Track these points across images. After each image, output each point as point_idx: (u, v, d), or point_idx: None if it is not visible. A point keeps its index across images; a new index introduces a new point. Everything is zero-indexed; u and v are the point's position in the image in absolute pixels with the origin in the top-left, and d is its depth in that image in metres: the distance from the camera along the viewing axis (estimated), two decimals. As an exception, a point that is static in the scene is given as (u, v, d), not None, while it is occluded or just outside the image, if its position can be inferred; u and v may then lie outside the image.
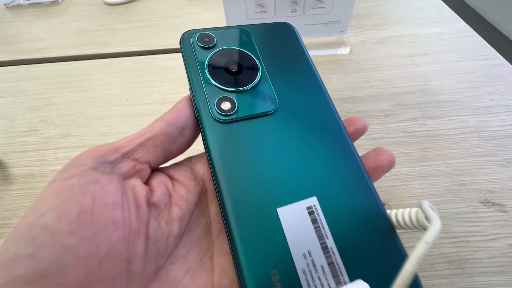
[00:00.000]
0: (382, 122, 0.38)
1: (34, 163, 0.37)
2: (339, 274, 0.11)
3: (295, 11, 0.44)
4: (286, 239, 0.11)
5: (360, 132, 0.17)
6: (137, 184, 0.13)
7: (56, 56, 0.52)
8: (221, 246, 0.14)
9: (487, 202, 0.30)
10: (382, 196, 0.31)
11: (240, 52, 0.17)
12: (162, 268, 0.12)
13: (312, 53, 0.48)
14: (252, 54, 0.17)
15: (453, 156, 0.34)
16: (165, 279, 0.11)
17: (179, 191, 0.14)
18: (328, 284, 0.11)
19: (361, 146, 0.36)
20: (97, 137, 0.39)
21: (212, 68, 0.16)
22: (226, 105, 0.15)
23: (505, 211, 0.29)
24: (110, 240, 0.10)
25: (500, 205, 0.30)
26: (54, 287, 0.09)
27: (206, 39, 0.17)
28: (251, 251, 0.11)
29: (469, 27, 0.51)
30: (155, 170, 0.15)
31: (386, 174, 0.33)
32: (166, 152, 0.15)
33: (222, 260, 0.13)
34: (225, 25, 0.46)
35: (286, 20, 0.24)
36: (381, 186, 0.32)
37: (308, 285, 0.11)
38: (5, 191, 0.34)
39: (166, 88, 0.44)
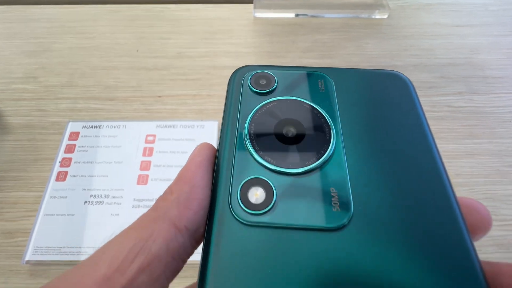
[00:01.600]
0: (425, 94, 0.34)
1: (33, 113, 0.33)
2: None
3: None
4: None
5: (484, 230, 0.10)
6: None
7: (54, -2, 0.46)
8: None
9: (539, 186, 0.27)
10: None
11: (309, 108, 0.11)
12: None
13: (345, 15, 0.43)
14: (326, 113, 0.11)
15: (502, 136, 0.31)
16: None
17: None
18: None
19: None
20: (104, 89, 0.34)
21: (256, 124, 0.10)
22: (256, 195, 0.09)
23: (557, 197, 0.27)
24: None
25: (552, 189, 0.27)
26: None
27: (263, 81, 0.12)
28: None
29: (519, -1, 0.46)
30: None
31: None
32: (171, 278, 0.09)
33: None
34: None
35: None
36: (424, 161, 0.29)
37: None
38: (2, 142, 0.30)
39: (182, 41, 0.39)
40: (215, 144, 0.27)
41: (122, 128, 0.28)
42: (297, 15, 0.43)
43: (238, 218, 0.09)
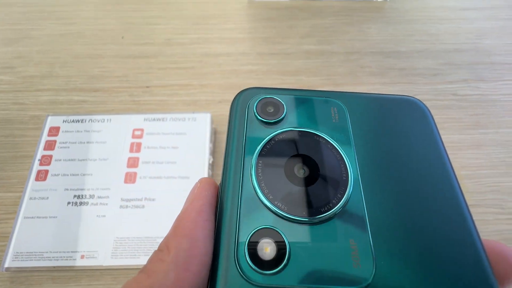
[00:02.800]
0: (429, 81, 0.32)
1: (11, 107, 0.30)
2: None
3: None
4: None
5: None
6: None
7: (31, -20, 0.42)
8: None
9: (547, 178, 0.26)
10: (430, 165, 0.27)
11: (321, 143, 0.09)
12: None
13: (346, -2, 0.40)
14: (341, 149, 0.09)
15: (509, 125, 0.30)
16: None
17: None
18: None
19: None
20: (88, 80, 0.32)
21: (264, 162, 0.09)
22: (266, 249, 0.08)
23: None
24: None
25: (561, 181, 0.26)
26: None
27: (270, 108, 0.10)
28: None
29: (527, -20, 0.44)
30: None
31: (435, 141, 0.28)
32: None
33: None
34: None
35: None
36: (429, 154, 0.27)
37: None
38: (-25, 138, 0.28)
39: (171, 27, 0.37)
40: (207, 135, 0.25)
41: (107, 122, 0.26)
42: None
43: (247, 278, 0.07)
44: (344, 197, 0.08)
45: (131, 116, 0.26)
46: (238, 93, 0.11)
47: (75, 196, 0.23)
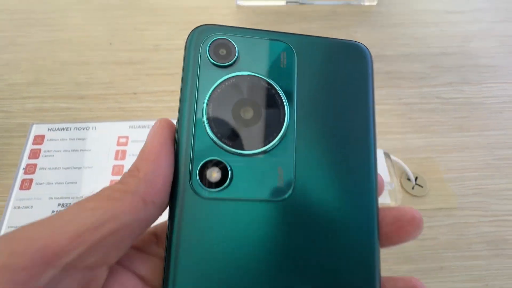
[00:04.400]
0: (415, 85, 0.33)
1: (-4, 115, 0.30)
2: None
3: None
4: None
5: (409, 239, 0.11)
6: None
7: (19, -14, 0.42)
8: None
9: (529, 179, 0.27)
10: (415, 168, 0.27)
11: (267, 87, 0.11)
12: None
13: (333, 2, 0.40)
14: (284, 93, 0.11)
15: (493, 127, 0.30)
16: None
17: None
18: None
19: (391, 112, 0.31)
20: (75, 87, 0.32)
21: (215, 105, 0.10)
22: (214, 175, 0.10)
23: (548, 190, 0.26)
24: None
25: (543, 183, 0.27)
26: None
27: (223, 51, 0.11)
28: None
29: (512, -17, 0.45)
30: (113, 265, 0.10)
31: (420, 144, 0.29)
32: (135, 239, 0.10)
33: None
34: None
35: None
36: (413, 158, 0.28)
37: None
38: (-41, 147, 0.28)
39: (159, 32, 0.37)
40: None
41: (92, 130, 0.26)
42: (288, 3, 0.40)
43: (198, 194, 0.10)
44: (278, 136, 0.10)
45: (116, 123, 0.26)
46: (192, 31, 0.11)
47: (59, 204, 0.23)
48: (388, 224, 0.11)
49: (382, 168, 0.25)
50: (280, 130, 0.10)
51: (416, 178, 0.26)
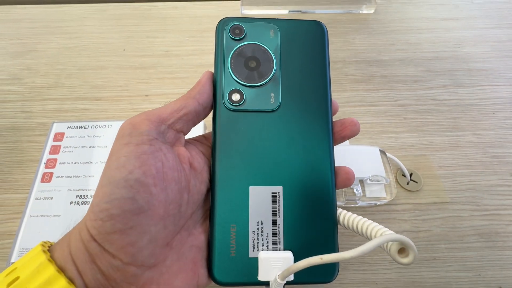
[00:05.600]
0: (410, 88, 0.35)
1: (18, 115, 0.32)
2: (278, 242, 0.16)
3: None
4: (248, 208, 0.16)
5: (351, 135, 0.18)
6: (181, 151, 0.16)
7: (39, -2, 0.45)
8: None
9: (520, 176, 0.28)
10: (410, 165, 0.29)
11: (262, 49, 0.18)
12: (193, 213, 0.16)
13: (333, 10, 0.43)
14: (272, 52, 0.18)
15: (485, 127, 0.31)
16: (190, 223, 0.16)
17: (204, 161, 0.17)
18: (267, 246, 0.15)
19: (387, 112, 0.33)
20: (91, 89, 0.34)
21: (234, 60, 0.18)
22: (236, 97, 0.17)
23: (538, 186, 0.27)
24: (173, 191, 0.15)
25: (533, 179, 0.28)
26: (147, 218, 0.14)
27: (237, 31, 0.18)
28: (222, 209, 0.16)
29: (504, -8, 0.47)
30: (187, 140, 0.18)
31: (414, 143, 0.30)
32: (193, 125, 0.17)
33: None
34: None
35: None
36: (408, 155, 0.29)
37: (253, 241, 0.15)
38: (-14, 144, 0.30)
39: (169, 40, 0.39)
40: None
41: (108, 128, 0.28)
42: (290, 11, 0.43)
43: (227, 108, 0.17)
44: (270, 76, 0.17)
45: (130, 122, 0.28)
46: (219, 21, 0.18)
47: (77, 196, 0.25)
48: (337, 127, 0.18)
49: (378, 164, 0.27)
50: (271, 73, 0.17)
51: (411, 174, 0.28)
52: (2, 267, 0.23)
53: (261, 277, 0.15)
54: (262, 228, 0.15)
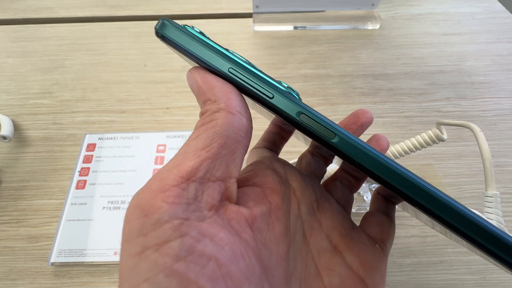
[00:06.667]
0: (415, 100, 0.36)
1: (50, 126, 0.35)
2: None
3: (327, -22, 0.41)
4: None
5: (368, 122, 0.16)
6: (233, 213, 0.10)
7: (64, 16, 0.49)
8: (317, 244, 0.13)
9: (522, 184, 0.29)
10: (416, 174, 0.30)
11: None
12: None
13: (339, 26, 0.45)
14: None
15: (488, 138, 0.33)
16: None
17: (275, 201, 0.12)
18: None
19: (394, 124, 0.35)
20: (116, 103, 0.37)
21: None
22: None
23: (540, 194, 0.29)
24: None
25: (535, 187, 0.29)
26: None
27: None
28: None
29: (504, 8, 0.49)
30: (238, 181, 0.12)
31: (420, 153, 0.32)
32: (244, 154, 0.11)
33: (323, 260, 0.13)
34: (251, -10, 0.43)
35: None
36: (415, 164, 0.31)
37: None
38: (22, 153, 0.32)
39: (186, 55, 0.42)
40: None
41: (135, 139, 0.30)
42: (295, 28, 0.45)
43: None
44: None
45: (155, 133, 0.31)
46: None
47: (109, 201, 0.27)
48: (352, 118, 0.16)
49: (387, 173, 0.29)
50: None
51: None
52: (43, 266, 0.25)
53: None
54: None
